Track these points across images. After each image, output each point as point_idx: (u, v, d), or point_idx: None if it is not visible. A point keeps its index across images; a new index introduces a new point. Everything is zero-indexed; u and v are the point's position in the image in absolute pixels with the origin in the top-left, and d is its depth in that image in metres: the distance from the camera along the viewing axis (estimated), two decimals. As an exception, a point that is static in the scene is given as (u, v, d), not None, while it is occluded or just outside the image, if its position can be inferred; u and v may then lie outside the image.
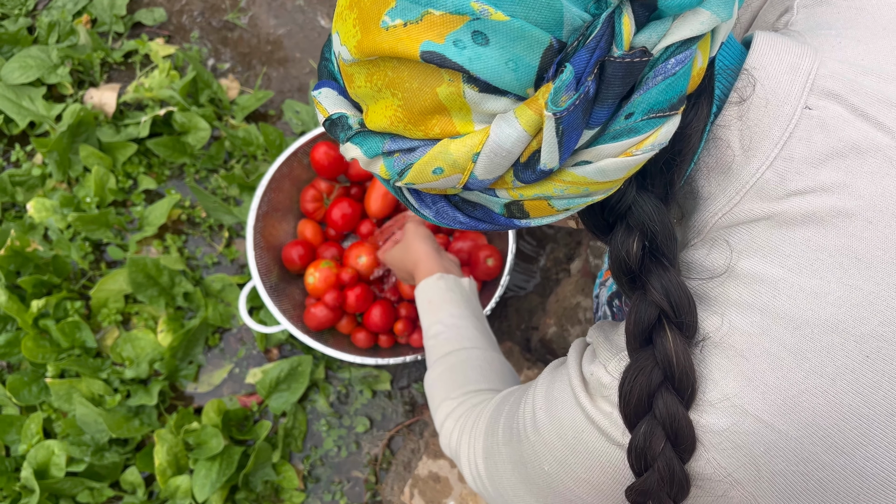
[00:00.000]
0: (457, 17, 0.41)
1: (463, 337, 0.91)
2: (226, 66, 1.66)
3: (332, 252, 1.43)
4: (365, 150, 0.52)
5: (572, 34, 0.42)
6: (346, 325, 1.40)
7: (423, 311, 0.97)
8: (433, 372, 0.89)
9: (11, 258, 1.39)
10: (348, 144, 0.53)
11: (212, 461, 1.31)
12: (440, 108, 0.46)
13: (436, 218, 0.57)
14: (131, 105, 1.61)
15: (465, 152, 0.46)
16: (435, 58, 0.43)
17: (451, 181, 0.49)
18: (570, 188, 0.48)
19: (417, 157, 0.49)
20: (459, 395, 0.83)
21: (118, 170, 1.53)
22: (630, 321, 0.52)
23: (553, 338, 1.34)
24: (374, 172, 0.54)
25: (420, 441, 1.34)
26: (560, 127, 0.42)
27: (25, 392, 1.36)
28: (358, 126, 0.53)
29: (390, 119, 0.48)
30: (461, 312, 0.94)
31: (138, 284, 1.40)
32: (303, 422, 1.42)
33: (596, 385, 0.56)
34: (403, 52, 0.43)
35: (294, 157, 1.41)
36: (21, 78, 1.53)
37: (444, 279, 0.99)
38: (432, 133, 0.48)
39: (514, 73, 0.42)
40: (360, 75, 0.49)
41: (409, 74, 0.45)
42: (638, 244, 0.51)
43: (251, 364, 1.47)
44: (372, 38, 0.45)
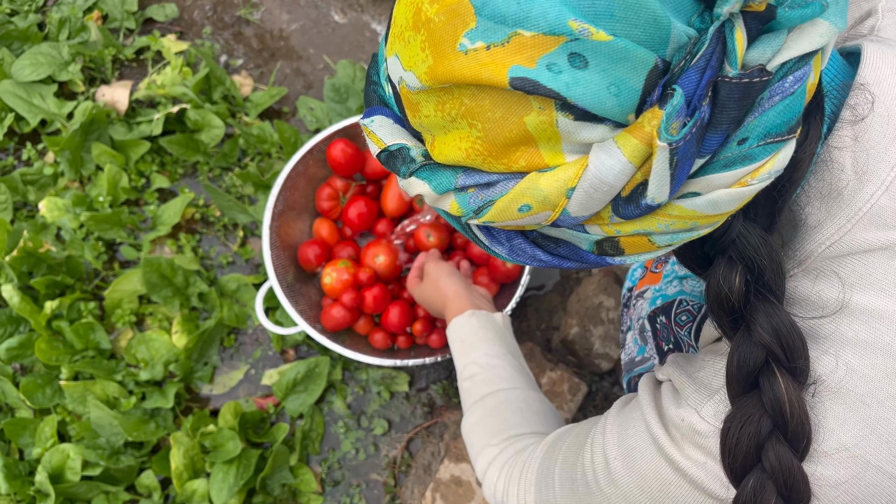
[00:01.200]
0: (551, 39, 0.37)
1: (500, 378, 0.86)
2: (238, 63, 1.64)
3: (349, 251, 1.40)
4: (434, 185, 0.48)
5: (677, 52, 0.38)
6: (364, 326, 1.38)
7: (457, 352, 0.94)
8: (471, 417, 0.85)
9: (24, 259, 1.37)
10: (412, 179, 0.49)
11: (229, 464, 1.28)
12: (527, 138, 0.42)
13: (509, 255, 0.52)
14: (143, 102, 1.59)
15: (557, 187, 0.42)
16: (527, 85, 0.38)
17: (537, 219, 0.45)
18: (676, 223, 0.43)
19: (499, 194, 0.45)
20: (500, 440, 0.80)
21: (131, 168, 1.51)
22: (732, 363, 0.48)
23: (575, 338, 1.32)
24: (442, 209, 0.50)
25: (440, 444, 1.31)
26: (675, 158, 0.38)
27: (39, 394, 1.34)
28: (422, 158, 0.49)
29: (466, 151, 0.44)
30: (496, 351, 0.90)
31: (153, 285, 1.38)
32: (320, 424, 1.40)
33: (687, 432, 0.51)
34: (488, 78, 0.39)
35: (310, 154, 1.39)
36: (32, 75, 1.51)
37: (475, 316, 0.95)
38: (516, 166, 0.43)
39: (617, 99, 0.38)
40: (429, 104, 0.44)
41: (492, 103, 0.41)
42: (741, 279, 0.47)
43: (267, 365, 1.44)
44: (448, 63, 0.40)
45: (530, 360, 1.31)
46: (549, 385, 1.26)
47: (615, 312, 1.32)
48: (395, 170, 0.50)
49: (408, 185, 0.50)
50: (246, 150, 1.55)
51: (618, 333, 1.31)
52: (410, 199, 1.41)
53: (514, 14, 0.38)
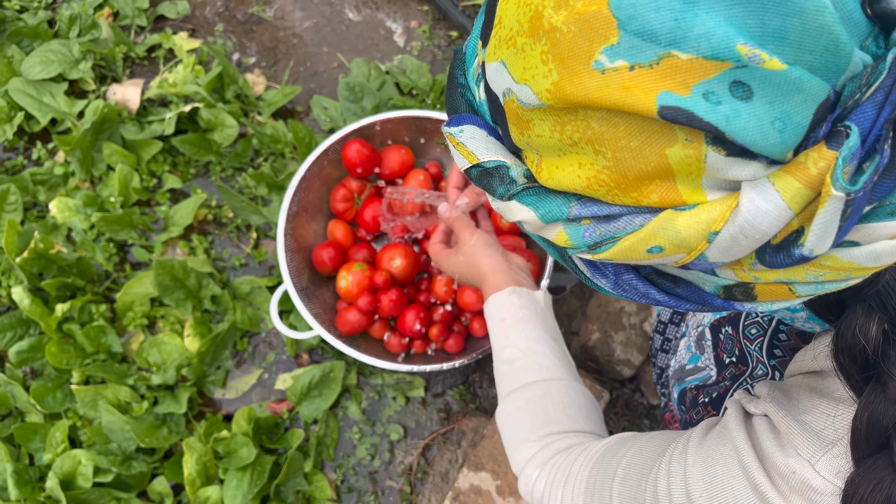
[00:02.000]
0: (712, 64, 0.32)
1: (540, 365, 0.81)
2: (251, 61, 1.61)
3: (364, 254, 1.38)
4: (541, 213, 0.43)
5: (849, 82, 0.33)
6: (379, 330, 1.35)
7: (495, 331, 0.88)
8: (508, 406, 0.80)
9: (35, 260, 1.34)
10: (513, 203, 0.44)
11: (242, 471, 1.26)
12: (665, 172, 0.37)
13: (614, 290, 0.47)
14: (155, 101, 1.56)
15: (698, 230, 0.37)
16: (679, 115, 0.34)
17: (667, 260, 0.41)
18: (828, 274, 0.39)
19: (623, 230, 0.40)
20: (540, 437, 0.75)
21: (142, 168, 1.49)
22: (862, 420, 0.44)
23: (596, 344, 1.29)
24: (545, 238, 0.45)
25: (458, 451, 1.29)
26: (849, 209, 0.33)
27: (50, 399, 1.32)
28: (525, 180, 0.44)
29: (588, 180, 0.40)
30: (537, 335, 0.84)
31: (165, 287, 1.36)
32: (334, 429, 1.37)
33: (798, 486, 0.47)
34: (631, 105, 0.34)
35: (324, 155, 1.36)
36: (42, 73, 1.49)
37: (516, 294, 0.88)
38: (646, 201, 0.39)
39: (781, 135, 0.33)
40: (545, 123, 0.40)
41: (628, 131, 0.36)
42: (879, 329, 0.42)
43: (280, 369, 1.42)
44: (579, 81, 0.35)
45: (551, 367, 1.28)
46: (571, 392, 1.24)
47: (637, 318, 1.30)
48: (490, 190, 0.46)
49: (507, 210, 0.45)
50: (259, 150, 1.52)
51: (640, 339, 1.29)
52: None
53: (670, 32, 0.33)
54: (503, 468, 1.17)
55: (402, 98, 1.54)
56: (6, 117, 1.50)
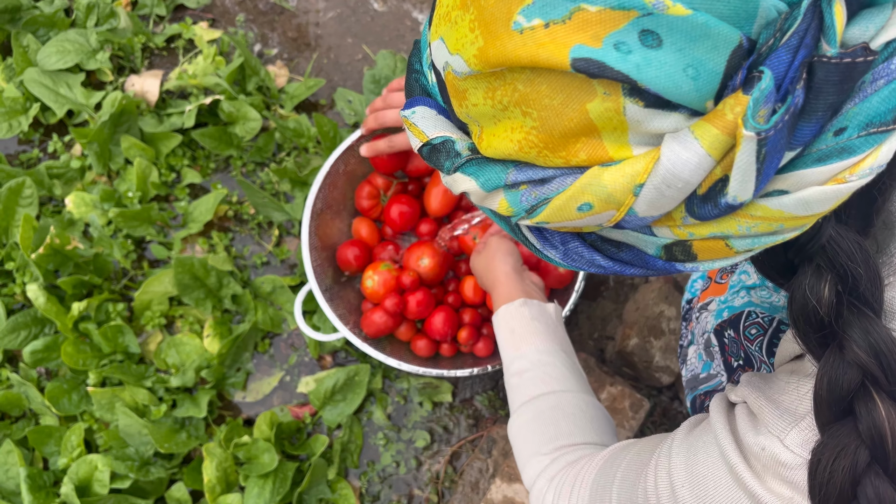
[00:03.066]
0: (619, 14, 0.33)
1: (551, 377, 0.80)
2: (273, 52, 1.56)
3: (390, 253, 1.33)
4: (482, 181, 0.44)
5: (765, 29, 0.33)
6: (406, 332, 1.30)
7: (505, 342, 0.87)
8: (519, 418, 0.79)
9: (50, 257, 1.30)
10: (457, 175, 0.45)
11: (264, 478, 1.21)
12: (589, 128, 0.37)
13: (563, 260, 0.48)
14: (174, 93, 1.51)
15: (623, 183, 0.37)
16: (592, 66, 0.34)
17: (599, 219, 0.40)
18: (759, 225, 0.38)
19: (555, 191, 0.40)
20: (551, 450, 0.73)
21: (161, 162, 1.44)
22: (822, 386, 0.43)
23: (635, 350, 1.23)
24: (489, 208, 0.46)
25: (488, 460, 1.23)
26: (763, 150, 0.33)
27: (65, 401, 1.27)
28: (469, 152, 0.44)
29: (519, 143, 0.40)
30: (548, 347, 0.83)
31: (184, 286, 1.31)
32: (359, 435, 1.32)
33: (769, 462, 0.46)
34: (546, 60, 0.34)
35: (350, 150, 1.31)
36: (58, 63, 1.44)
37: (527, 305, 0.88)
38: (575, 160, 0.39)
39: (694, 83, 0.34)
40: (478, 91, 0.40)
41: (550, 88, 0.36)
42: (832, 289, 0.41)
43: (303, 372, 1.37)
44: (500, 43, 0.36)
45: (588, 373, 1.22)
46: (609, 401, 1.18)
47: (676, 323, 1.24)
48: (439, 165, 0.46)
49: (452, 182, 0.46)
50: (281, 145, 1.47)
51: (679, 345, 1.23)
52: (455, 197, 1.33)
53: None
54: (538, 480, 1.11)
55: (430, 91, 1.49)
56: (21, 109, 1.45)
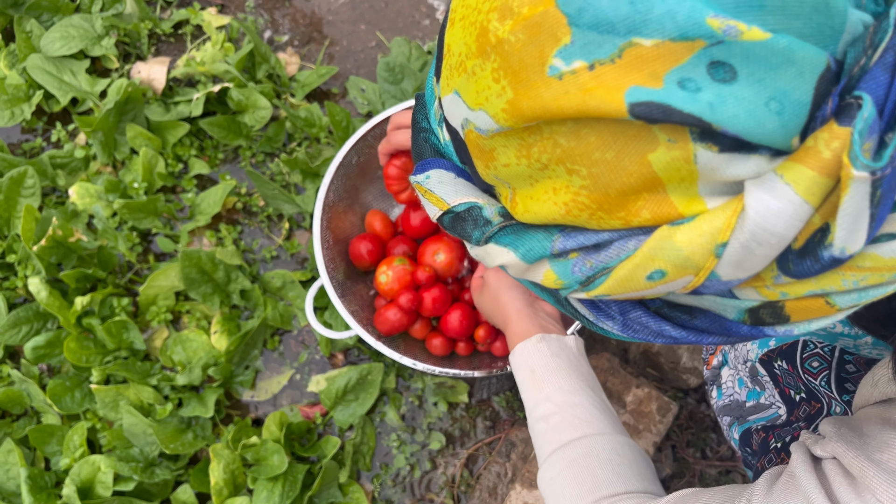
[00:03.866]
0: (682, 46, 0.28)
1: (580, 419, 0.73)
2: (284, 39, 1.51)
3: (404, 247, 1.27)
4: (522, 252, 0.38)
5: (851, 47, 0.28)
6: (420, 330, 1.25)
7: (525, 384, 0.80)
8: (550, 469, 0.72)
9: (53, 249, 1.25)
10: (490, 247, 0.40)
11: (274, 481, 1.16)
12: (652, 182, 0.32)
13: (623, 331, 0.41)
14: (181, 81, 1.46)
15: (702, 244, 0.32)
16: (654, 111, 0.28)
17: (673, 286, 0.34)
18: (868, 277, 0.32)
19: (616, 258, 0.35)
20: (590, 502, 0.67)
21: (168, 152, 1.39)
22: None
23: (661, 350, 1.18)
24: (531, 282, 0.40)
25: (507, 464, 1.18)
26: (878, 191, 0.28)
27: (68, 399, 1.23)
28: (500, 219, 0.39)
29: (566, 206, 0.35)
30: (573, 385, 0.76)
31: (191, 280, 1.26)
32: (371, 436, 1.27)
33: None
34: (596, 108, 0.29)
35: (363, 140, 1.25)
36: (62, 49, 1.39)
37: (546, 341, 0.80)
38: (636, 220, 0.34)
39: (779, 118, 0.28)
40: (509, 149, 0.34)
41: (600, 140, 0.31)
42: None
43: (314, 370, 1.32)
44: (535, 94, 0.31)
45: (612, 374, 1.17)
46: (636, 404, 1.13)
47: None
48: (465, 235, 0.40)
49: (485, 255, 0.40)
50: (292, 135, 1.42)
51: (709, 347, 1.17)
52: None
53: (627, 18, 0.28)
54: (560, 486, 1.06)
55: (446, 80, 1.43)
56: (24, 96, 1.41)
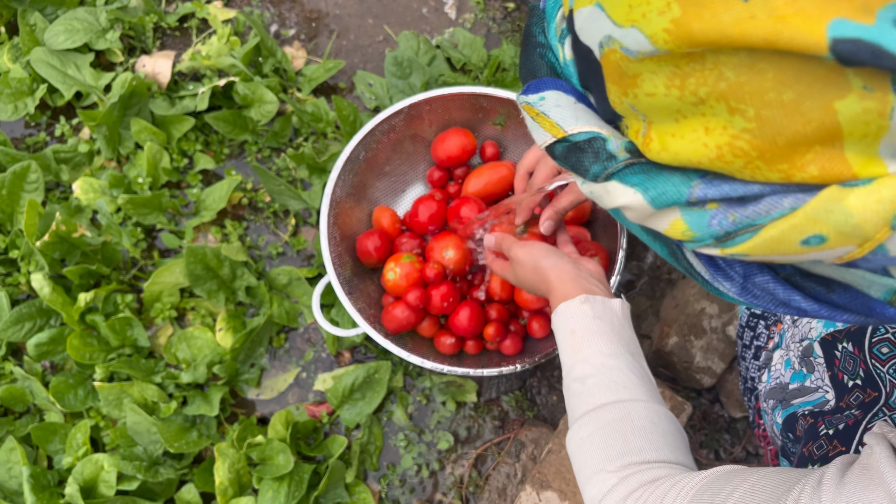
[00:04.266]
0: None
1: (617, 384, 0.71)
2: (290, 33, 1.49)
3: (412, 244, 1.25)
4: (652, 195, 0.34)
5: None
6: (428, 328, 1.23)
7: (564, 344, 0.77)
8: (581, 430, 0.70)
9: (56, 244, 1.23)
10: (612, 184, 0.36)
11: (279, 481, 1.14)
12: (831, 134, 0.28)
13: (741, 295, 0.38)
14: (187, 75, 1.44)
15: (878, 212, 0.28)
16: (861, 50, 0.24)
17: (828, 255, 0.31)
18: None
19: (766, 215, 0.31)
20: (619, 466, 0.64)
21: (173, 147, 1.37)
22: None
23: (674, 349, 1.15)
24: (653, 229, 0.36)
25: (516, 465, 1.16)
26: None
27: (71, 396, 1.21)
28: (627, 155, 0.35)
29: (718, 150, 0.31)
30: (613, 349, 0.73)
31: (196, 277, 1.24)
32: (378, 436, 1.25)
33: None
34: (789, 40, 0.25)
35: (371, 135, 1.24)
36: (66, 43, 1.37)
37: (589, 302, 0.77)
38: (799, 176, 0.30)
39: None
40: (658, 77, 0.31)
41: (779, 79, 0.27)
42: None
43: (320, 368, 1.30)
44: (711, 15, 0.27)
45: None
46: (648, 404, 1.10)
47: (719, 320, 1.16)
48: (580, 168, 0.36)
49: (603, 193, 0.36)
50: (299, 130, 1.40)
51: (722, 345, 1.15)
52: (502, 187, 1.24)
53: None
54: (572, 487, 1.04)
55: (454, 74, 1.41)
56: (28, 90, 1.39)
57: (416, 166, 1.33)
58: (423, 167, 1.33)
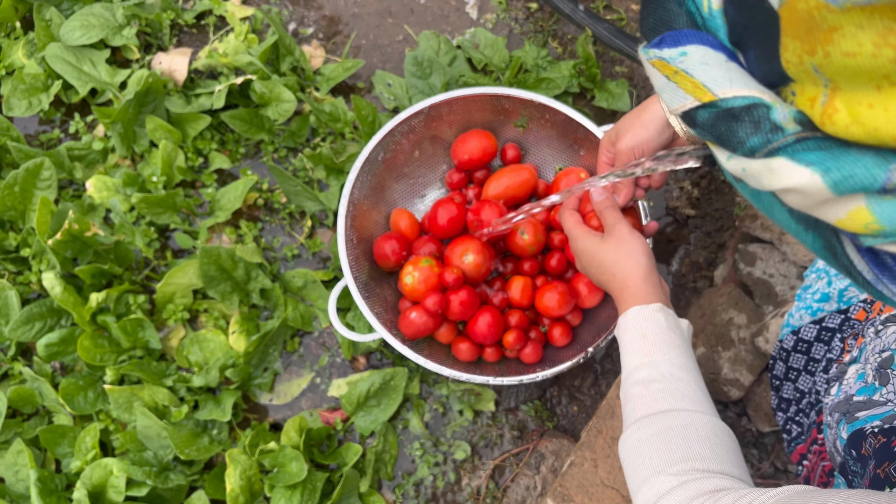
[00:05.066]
0: None
1: (683, 395, 0.68)
2: (309, 32, 1.46)
3: (430, 247, 1.22)
4: (835, 178, 0.29)
5: None
6: (446, 334, 1.19)
7: (632, 346, 0.74)
8: (640, 432, 0.67)
9: (69, 243, 1.21)
10: (779, 161, 0.30)
11: (292, 490, 1.11)
12: None
13: None
14: (203, 73, 1.42)
15: None
16: None
17: None
18: None
19: None
20: (681, 471, 0.61)
21: (188, 146, 1.35)
22: None
23: (701, 361, 1.12)
24: (821, 218, 0.31)
25: (536, 477, 1.13)
26: None
27: (80, 399, 1.18)
28: (797, 127, 0.30)
29: None
30: (683, 363, 0.71)
31: (210, 278, 1.22)
32: (393, 444, 1.22)
33: None
34: None
35: (390, 136, 1.21)
36: (82, 38, 1.35)
37: (664, 313, 0.75)
38: None
39: None
40: (865, 33, 0.25)
41: None
42: None
43: (335, 374, 1.27)
44: None
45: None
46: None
47: (747, 331, 1.12)
48: (730, 140, 0.31)
49: (764, 171, 0.31)
50: (316, 129, 1.37)
51: (750, 356, 1.11)
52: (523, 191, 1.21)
53: None
54: (595, 502, 1.00)
55: (475, 75, 1.38)
56: (42, 86, 1.37)
57: (435, 168, 1.30)
58: (443, 169, 1.30)
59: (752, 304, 1.14)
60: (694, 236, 1.29)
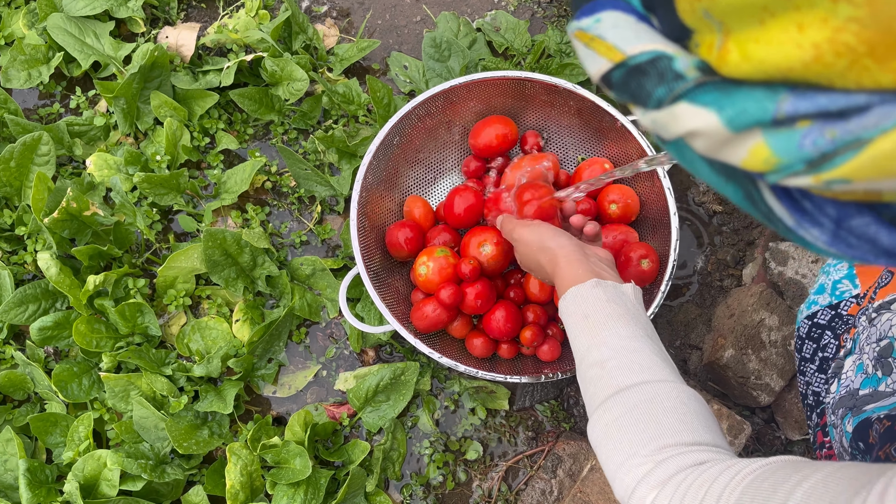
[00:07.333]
0: None
1: (641, 365, 0.65)
2: (322, 10, 1.40)
3: (445, 237, 1.16)
4: (729, 115, 0.30)
5: None
6: (460, 328, 1.14)
7: (577, 330, 0.72)
8: (606, 415, 0.63)
9: (66, 222, 1.15)
10: (682, 107, 0.32)
11: (295, 487, 1.06)
12: None
13: (832, 244, 0.33)
14: (211, 49, 1.36)
15: None
16: None
17: None
18: None
19: (874, 128, 0.26)
20: (654, 450, 0.58)
21: (194, 124, 1.29)
22: None
23: (729, 363, 1.06)
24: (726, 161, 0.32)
25: (552, 481, 1.07)
26: None
27: (74, 386, 1.13)
28: (697, 73, 0.32)
29: (815, 49, 0.26)
30: (632, 332, 0.68)
31: (214, 263, 1.16)
32: (402, 442, 1.16)
33: None
34: None
35: (406, 119, 1.15)
36: (86, 9, 1.29)
37: (601, 287, 0.73)
38: None
39: None
40: None
41: None
42: None
43: (342, 366, 1.21)
44: None
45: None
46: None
47: (778, 334, 1.07)
48: (641, 96, 0.33)
49: (669, 119, 0.32)
50: (329, 111, 1.31)
51: (782, 360, 1.06)
52: None
53: None
54: (617, 510, 0.95)
55: (496, 59, 1.32)
56: (43, 58, 1.31)
57: (451, 155, 1.24)
58: (459, 156, 1.25)
59: (784, 305, 1.08)
60: (723, 231, 1.24)
